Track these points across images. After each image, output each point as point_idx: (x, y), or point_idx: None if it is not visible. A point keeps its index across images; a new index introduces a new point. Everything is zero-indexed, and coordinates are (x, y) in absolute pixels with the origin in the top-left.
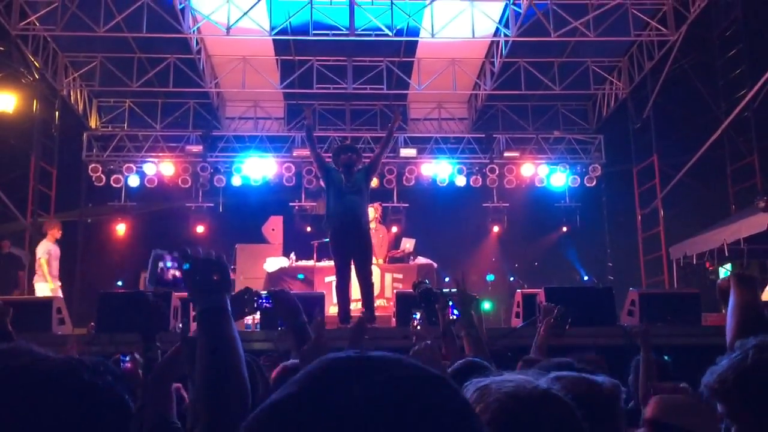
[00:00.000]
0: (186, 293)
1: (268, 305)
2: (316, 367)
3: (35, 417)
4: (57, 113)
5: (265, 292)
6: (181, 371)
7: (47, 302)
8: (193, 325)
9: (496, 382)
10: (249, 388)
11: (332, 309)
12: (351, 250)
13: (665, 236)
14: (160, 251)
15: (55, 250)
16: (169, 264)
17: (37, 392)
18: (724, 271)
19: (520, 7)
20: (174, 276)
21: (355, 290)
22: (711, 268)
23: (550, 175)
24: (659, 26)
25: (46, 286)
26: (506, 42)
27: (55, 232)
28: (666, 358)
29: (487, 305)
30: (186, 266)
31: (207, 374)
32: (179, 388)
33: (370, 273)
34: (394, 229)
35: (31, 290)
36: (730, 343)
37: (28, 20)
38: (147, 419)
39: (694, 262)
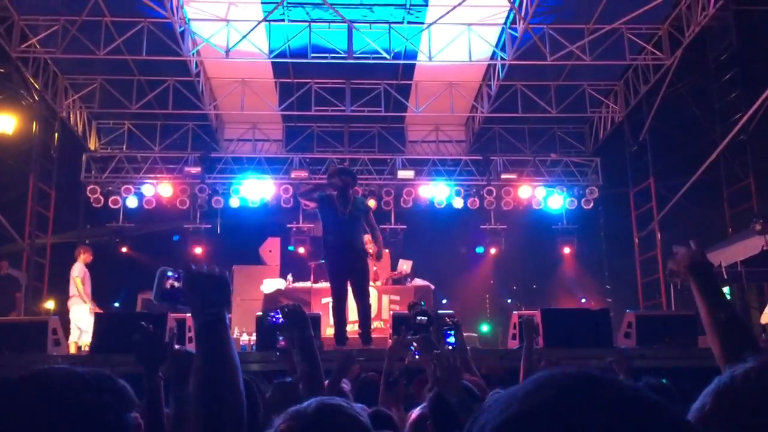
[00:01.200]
0: (186, 309)
1: (281, 321)
2: (545, 383)
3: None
4: (56, 135)
5: (277, 309)
6: None
7: (42, 323)
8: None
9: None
10: (245, 403)
11: (329, 330)
12: (346, 272)
13: (662, 258)
14: (166, 268)
15: (86, 273)
16: (170, 273)
17: (38, 406)
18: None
19: (516, 31)
20: (172, 286)
21: (352, 312)
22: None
23: (547, 198)
24: (655, 50)
25: (84, 308)
26: (503, 65)
27: (87, 257)
28: (664, 381)
29: (485, 327)
30: (219, 287)
31: (203, 387)
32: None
33: (367, 295)
34: (386, 250)
35: (35, 312)
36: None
37: (29, 42)
38: None
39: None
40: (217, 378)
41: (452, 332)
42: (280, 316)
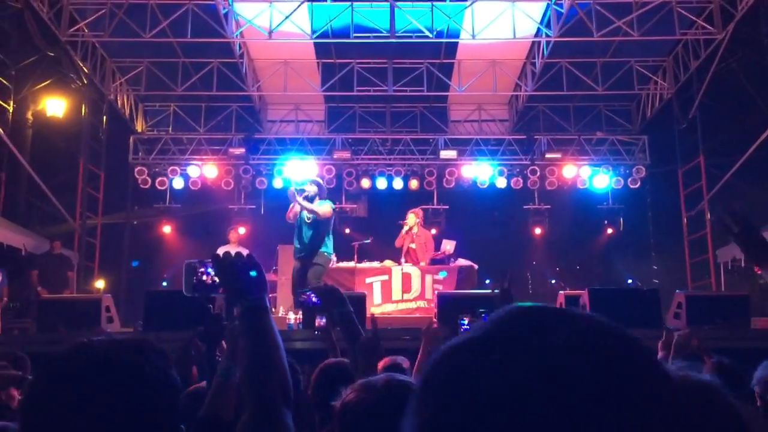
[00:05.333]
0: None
1: (316, 301)
2: (503, 315)
3: (84, 399)
4: (105, 117)
5: (310, 290)
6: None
7: (96, 301)
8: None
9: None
10: (291, 383)
11: (373, 309)
12: None
13: (712, 239)
14: (192, 261)
15: None
16: (210, 270)
17: (87, 375)
18: None
19: (562, 7)
20: (213, 281)
21: (396, 292)
22: (760, 272)
23: (592, 177)
24: (705, 24)
25: None
26: (548, 42)
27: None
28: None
29: None
30: (253, 273)
31: (251, 370)
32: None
33: None
34: (433, 231)
35: (86, 290)
36: None
37: (77, 27)
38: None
39: (743, 266)
40: (264, 360)
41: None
42: (314, 297)
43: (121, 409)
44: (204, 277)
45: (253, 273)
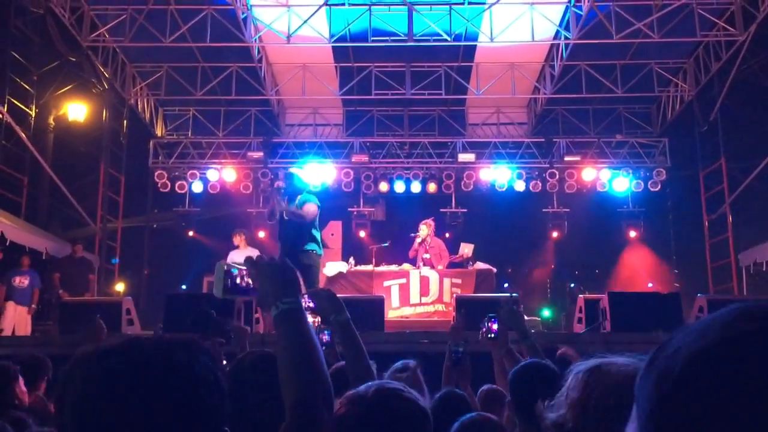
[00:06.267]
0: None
1: (311, 305)
2: (741, 315)
3: (131, 396)
4: (125, 122)
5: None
6: None
7: (117, 303)
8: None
9: (611, 365)
10: (331, 386)
11: (391, 313)
12: None
13: (734, 242)
14: (224, 262)
15: None
16: (236, 272)
17: (134, 371)
18: None
19: (581, 9)
20: (248, 284)
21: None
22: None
23: (612, 180)
24: (727, 26)
25: None
26: (567, 45)
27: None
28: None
29: (546, 312)
30: (288, 275)
31: (291, 373)
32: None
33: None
34: (447, 234)
35: (107, 293)
36: None
37: (98, 32)
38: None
39: (765, 269)
40: (306, 362)
41: (496, 320)
42: (309, 301)
43: (170, 408)
44: (238, 280)
45: (287, 275)
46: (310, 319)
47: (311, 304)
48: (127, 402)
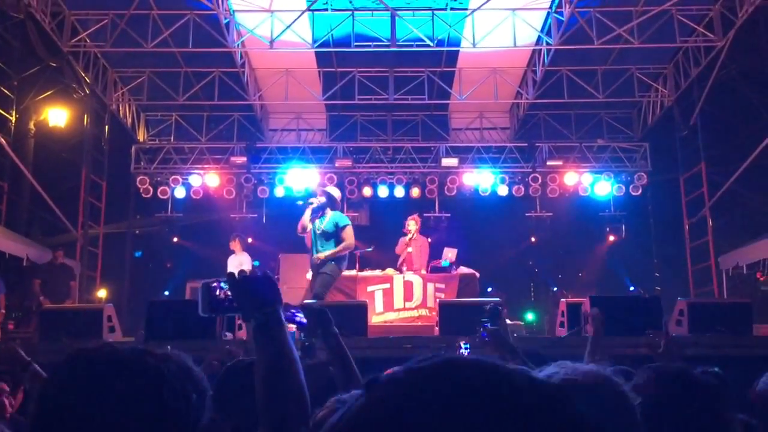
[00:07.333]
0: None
1: (301, 321)
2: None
3: (103, 397)
4: (107, 127)
5: (298, 307)
6: None
7: (98, 311)
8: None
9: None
10: (308, 400)
11: (375, 318)
12: None
13: (714, 246)
14: (208, 281)
15: None
16: (214, 285)
17: (107, 373)
18: None
19: (562, 15)
20: (227, 295)
21: (397, 300)
22: (762, 278)
23: (594, 184)
24: (706, 32)
25: None
26: (548, 50)
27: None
28: (716, 370)
29: (530, 316)
30: (264, 286)
31: (266, 387)
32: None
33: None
34: (429, 239)
35: (89, 300)
36: None
37: (79, 37)
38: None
39: (745, 272)
40: (281, 373)
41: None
42: (302, 315)
43: (139, 413)
44: (221, 296)
45: (263, 286)
46: (293, 328)
47: (302, 320)
48: (93, 405)
